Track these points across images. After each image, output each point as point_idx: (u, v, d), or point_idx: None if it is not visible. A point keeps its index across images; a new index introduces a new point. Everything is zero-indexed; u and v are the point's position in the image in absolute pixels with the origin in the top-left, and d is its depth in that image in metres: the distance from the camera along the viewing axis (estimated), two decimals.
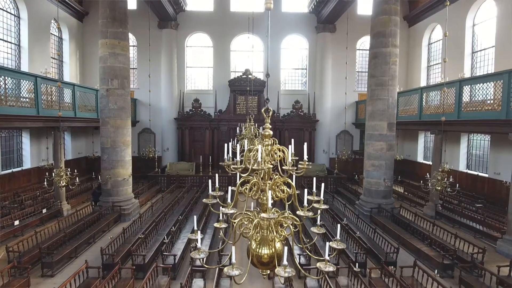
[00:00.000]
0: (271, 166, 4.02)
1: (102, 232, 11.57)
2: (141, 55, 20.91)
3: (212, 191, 4.21)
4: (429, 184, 9.57)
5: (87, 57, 20.93)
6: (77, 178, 9.98)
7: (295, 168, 3.91)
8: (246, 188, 3.93)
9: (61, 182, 9.24)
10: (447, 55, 10.97)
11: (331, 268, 3.30)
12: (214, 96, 20.83)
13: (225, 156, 4.13)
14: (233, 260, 3.18)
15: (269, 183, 3.82)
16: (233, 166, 4.16)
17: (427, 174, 10.34)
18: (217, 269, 7.74)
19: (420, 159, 20.31)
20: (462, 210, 12.87)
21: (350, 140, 21.79)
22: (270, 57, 20.79)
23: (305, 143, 3.85)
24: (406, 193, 17.26)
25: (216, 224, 4.09)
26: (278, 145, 4.02)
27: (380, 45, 12.61)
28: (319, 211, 4.16)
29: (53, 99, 12.83)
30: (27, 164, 16.26)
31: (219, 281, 7.54)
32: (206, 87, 21.95)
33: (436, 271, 7.75)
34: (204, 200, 4.10)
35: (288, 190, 4.06)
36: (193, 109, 20.53)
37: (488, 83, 10.94)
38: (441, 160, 12.09)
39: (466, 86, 11.96)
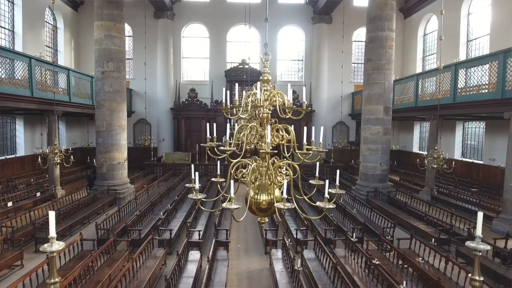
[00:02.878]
0: (270, 111, 4.00)
1: (97, 214, 11.45)
2: (137, 45, 20.82)
3: (209, 136, 4.19)
4: (426, 162, 9.59)
5: (82, 47, 20.79)
6: (71, 156, 9.85)
7: (294, 107, 3.89)
8: (244, 135, 3.90)
9: (56, 159, 9.11)
10: (442, 45, 10.97)
11: (331, 206, 3.28)
12: (210, 86, 20.75)
13: (223, 100, 4.08)
14: (232, 195, 3.15)
15: (267, 127, 3.76)
16: (231, 107, 4.13)
17: (424, 153, 10.36)
18: (213, 241, 7.68)
19: (415, 149, 20.41)
20: (457, 194, 12.92)
21: (346, 131, 21.84)
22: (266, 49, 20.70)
23: (304, 87, 3.82)
24: (402, 181, 17.31)
25: (214, 179, 4.06)
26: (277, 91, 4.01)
27: (376, 29, 12.65)
28: (319, 155, 4.16)
29: (48, 82, 12.68)
30: (21, 151, 16.11)
31: (216, 253, 7.48)
32: (203, 78, 21.90)
33: (433, 239, 7.76)
34: (201, 144, 4.05)
35: (287, 135, 4.03)
36: (189, 99, 20.46)
37: (483, 66, 10.99)
38: (437, 142, 12.11)
39: (462, 70, 12.00)
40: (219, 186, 3.94)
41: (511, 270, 6.85)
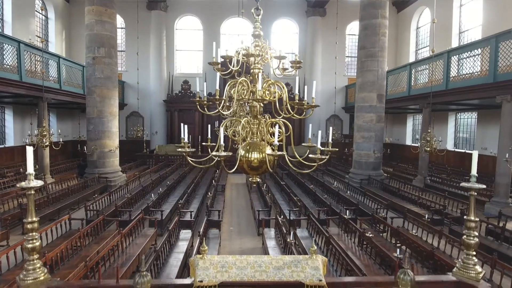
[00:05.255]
0: (261, 69, 3.95)
1: (87, 201, 11.20)
2: (130, 38, 20.60)
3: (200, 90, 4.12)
4: (419, 145, 9.57)
5: (73, 39, 20.53)
6: (61, 139, 9.66)
7: (285, 57, 3.82)
8: (236, 91, 3.85)
9: (44, 141, 8.93)
10: (435, 37, 10.99)
11: (324, 157, 3.22)
12: (203, 79, 20.60)
13: (213, 55, 3.98)
14: (222, 143, 3.09)
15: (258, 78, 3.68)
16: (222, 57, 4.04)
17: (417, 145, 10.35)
18: (205, 220, 7.57)
19: (408, 142, 20.49)
20: (450, 182, 12.95)
21: (340, 124, 21.85)
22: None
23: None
24: (395, 172, 17.33)
25: (204, 143, 3.97)
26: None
27: (370, 17, 12.65)
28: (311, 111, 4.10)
29: (37, 69, 12.43)
30: (11, 142, 15.80)
31: (208, 231, 7.36)
32: (196, 71, 21.74)
33: (426, 216, 7.73)
34: (191, 99, 3.96)
35: (279, 92, 3.99)
36: (183, 91, 20.30)
37: (475, 51, 11.02)
38: (430, 125, 12.13)
39: (454, 57, 12.05)
40: (209, 149, 3.84)
41: (503, 245, 6.85)
